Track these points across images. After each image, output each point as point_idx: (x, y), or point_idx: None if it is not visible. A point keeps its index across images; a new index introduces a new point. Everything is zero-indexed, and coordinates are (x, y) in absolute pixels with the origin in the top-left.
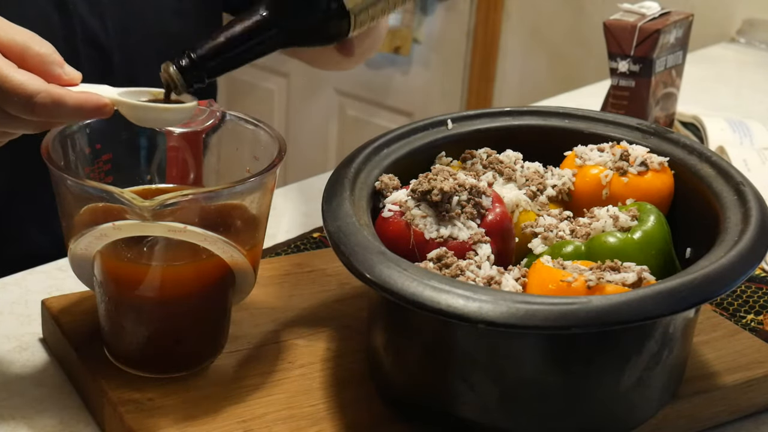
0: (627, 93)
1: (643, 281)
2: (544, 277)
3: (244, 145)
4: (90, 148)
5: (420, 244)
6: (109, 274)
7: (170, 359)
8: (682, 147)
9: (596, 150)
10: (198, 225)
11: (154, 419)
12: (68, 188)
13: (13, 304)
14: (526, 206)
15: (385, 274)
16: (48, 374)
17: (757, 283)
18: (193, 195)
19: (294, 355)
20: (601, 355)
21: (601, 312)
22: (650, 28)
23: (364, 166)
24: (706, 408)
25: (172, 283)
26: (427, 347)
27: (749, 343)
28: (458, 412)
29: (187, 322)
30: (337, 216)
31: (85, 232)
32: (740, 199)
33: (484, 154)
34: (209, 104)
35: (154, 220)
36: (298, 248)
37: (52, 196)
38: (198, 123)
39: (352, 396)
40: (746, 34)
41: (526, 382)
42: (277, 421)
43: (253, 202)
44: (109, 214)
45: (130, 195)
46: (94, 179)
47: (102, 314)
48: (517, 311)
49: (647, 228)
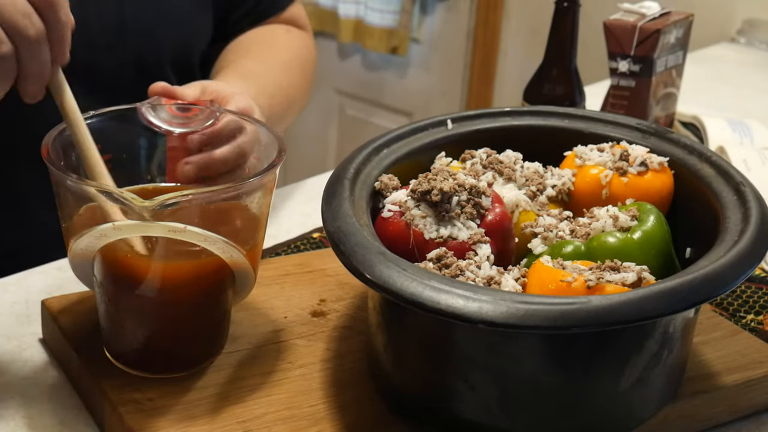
0: (627, 93)
1: (643, 281)
2: (544, 277)
3: None
4: None
5: (420, 244)
6: (109, 275)
7: (170, 359)
8: (682, 147)
9: (596, 150)
10: (198, 225)
11: (153, 419)
12: (68, 188)
13: (13, 305)
14: (525, 206)
15: (385, 275)
16: (48, 374)
17: (757, 283)
18: (193, 195)
19: (294, 356)
20: (601, 355)
21: (601, 312)
22: (650, 28)
23: (364, 167)
24: (706, 408)
25: (172, 283)
26: (427, 347)
27: (749, 343)
28: (458, 412)
29: (187, 322)
30: (337, 216)
31: (85, 232)
32: (740, 199)
33: (484, 154)
34: (209, 104)
35: (154, 220)
36: (298, 248)
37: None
38: (197, 123)
39: (352, 396)
40: (746, 34)
41: (526, 382)
42: (277, 421)
43: (253, 202)
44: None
45: (129, 195)
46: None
47: (102, 314)
48: (517, 311)
49: (647, 228)
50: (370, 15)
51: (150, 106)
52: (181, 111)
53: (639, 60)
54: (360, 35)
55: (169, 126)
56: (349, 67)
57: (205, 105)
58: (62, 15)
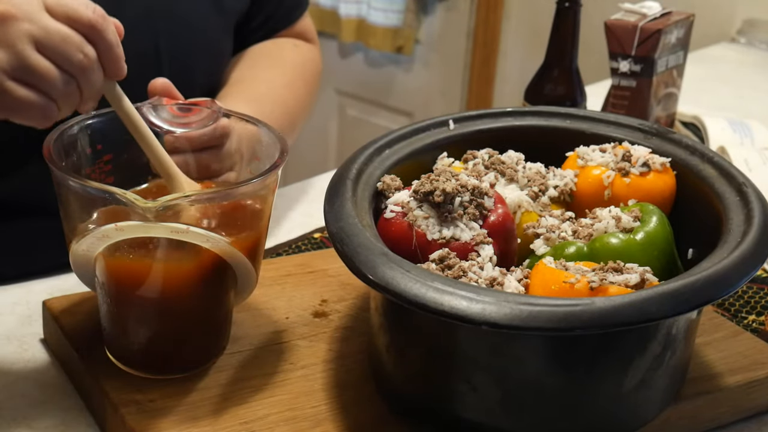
0: (628, 93)
1: (646, 282)
2: (547, 278)
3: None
4: (91, 149)
5: (422, 245)
6: (111, 275)
7: (171, 360)
8: (684, 147)
9: (598, 150)
10: (200, 226)
11: (155, 420)
12: (70, 189)
13: (15, 305)
14: (528, 207)
15: (388, 276)
16: (49, 375)
17: (759, 283)
18: (196, 196)
19: (296, 356)
20: (604, 357)
21: (605, 313)
22: (651, 28)
23: (366, 167)
24: (709, 409)
25: (173, 283)
26: (430, 348)
27: (751, 344)
28: (460, 413)
29: (189, 322)
30: (339, 217)
31: (87, 233)
32: (743, 200)
33: (486, 155)
34: (210, 104)
35: (157, 221)
36: (300, 249)
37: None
38: (198, 123)
39: (354, 397)
40: (746, 34)
41: (529, 383)
42: (279, 422)
43: (255, 202)
44: (111, 216)
45: (132, 196)
46: (95, 180)
47: (103, 315)
48: (520, 312)
49: (649, 229)
50: (373, 14)
51: (151, 106)
52: (182, 111)
53: (640, 60)
54: (363, 35)
55: (170, 126)
56: (350, 67)
57: (205, 105)
58: (110, 35)
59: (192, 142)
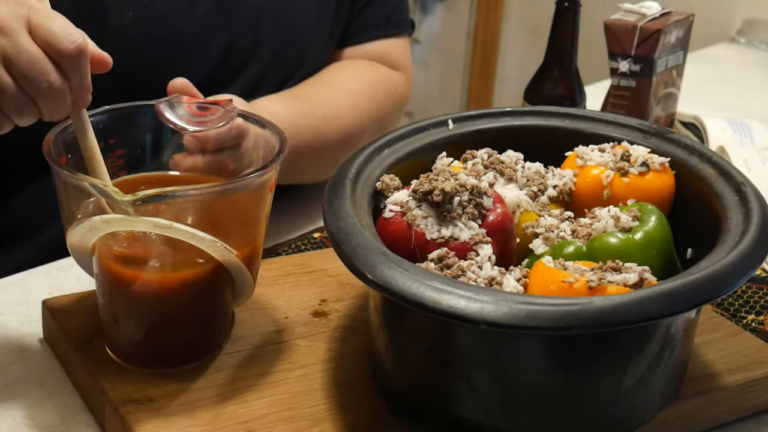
0: (627, 93)
1: (645, 282)
2: (546, 277)
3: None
4: (103, 143)
5: (421, 244)
6: (107, 270)
7: (165, 354)
8: (683, 147)
9: (597, 150)
10: (191, 222)
11: (154, 420)
12: (60, 178)
13: (14, 305)
14: (527, 206)
15: (387, 275)
16: (49, 374)
17: (758, 283)
18: (181, 192)
19: (295, 356)
20: (603, 356)
21: (603, 313)
22: (651, 28)
23: (365, 167)
24: (708, 408)
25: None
26: (428, 348)
27: (750, 344)
28: (459, 412)
29: (181, 318)
30: (338, 216)
31: (77, 223)
32: (741, 200)
33: (485, 155)
34: (227, 104)
35: (138, 214)
36: (299, 248)
37: None
38: (213, 122)
39: (354, 397)
40: (746, 34)
41: (527, 382)
42: (278, 421)
43: (251, 200)
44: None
45: (112, 189)
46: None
47: (100, 306)
48: (519, 312)
49: (648, 228)
50: None
51: (168, 103)
52: (200, 110)
53: (639, 60)
54: None
55: (184, 124)
56: None
57: (223, 104)
58: (82, 67)
59: (211, 143)
